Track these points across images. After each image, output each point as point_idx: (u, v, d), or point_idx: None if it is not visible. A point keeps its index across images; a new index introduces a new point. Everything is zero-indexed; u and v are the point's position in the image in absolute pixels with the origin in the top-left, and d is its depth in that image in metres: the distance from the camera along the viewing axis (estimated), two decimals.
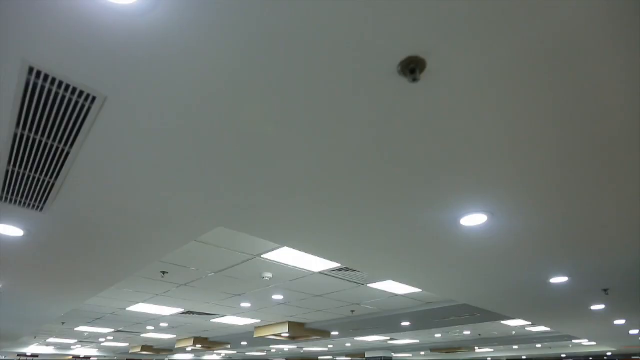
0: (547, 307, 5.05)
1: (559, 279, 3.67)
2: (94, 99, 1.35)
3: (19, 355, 15.24)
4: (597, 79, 1.28)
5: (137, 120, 1.46)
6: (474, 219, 2.29)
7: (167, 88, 1.30)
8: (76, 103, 1.37)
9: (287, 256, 3.96)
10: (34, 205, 2.20)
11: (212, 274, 4.61)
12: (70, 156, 1.71)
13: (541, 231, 2.51)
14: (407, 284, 4.01)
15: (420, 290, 5.15)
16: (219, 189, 1.96)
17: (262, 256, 3.96)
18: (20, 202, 2.14)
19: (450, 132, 1.53)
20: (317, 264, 4.23)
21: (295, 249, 2.83)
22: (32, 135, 1.56)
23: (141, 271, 4.54)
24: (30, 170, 1.83)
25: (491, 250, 2.88)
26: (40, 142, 1.60)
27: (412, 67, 1.19)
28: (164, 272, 4.55)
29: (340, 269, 4.42)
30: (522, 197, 2.05)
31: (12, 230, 2.54)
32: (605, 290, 4.18)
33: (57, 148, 1.65)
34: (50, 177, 1.89)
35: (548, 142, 1.60)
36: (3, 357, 15.10)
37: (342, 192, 2.00)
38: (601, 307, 5.09)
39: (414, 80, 1.18)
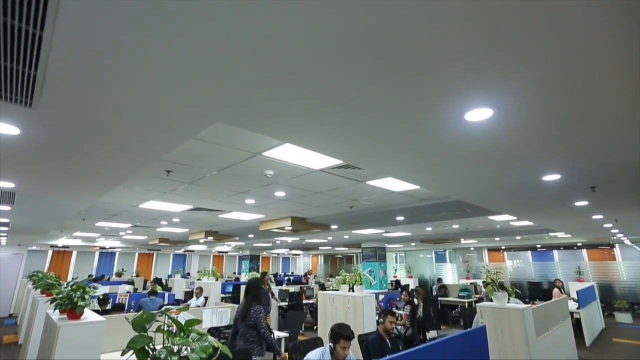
0: (536, 203, 5.35)
1: (551, 177, 3.79)
2: None
3: (52, 246, 17.04)
4: None
5: None
6: (479, 114, 2.22)
7: None
8: None
9: (288, 154, 4.01)
10: (21, 101, 2.10)
11: (216, 172, 4.75)
12: (44, 42, 1.55)
13: (544, 127, 2.47)
14: (406, 181, 4.17)
15: (416, 187, 5.39)
16: (214, 80, 1.84)
17: (263, 154, 4.02)
18: (5, 97, 2.04)
19: (458, 16, 1.34)
20: (317, 161, 4.31)
21: (297, 145, 2.83)
22: None
23: (147, 170, 4.67)
24: (6, 60, 1.69)
25: (492, 148, 2.89)
26: (6, 23, 1.43)
27: None
28: (168, 171, 4.69)
29: (340, 167, 4.54)
30: (529, 90, 1.94)
31: (7, 128, 2.50)
32: (592, 187, 4.36)
33: (28, 31, 1.48)
34: (29, 68, 1.75)
35: (559, 30, 1.42)
36: (38, 248, 16.91)
37: (342, 86, 1.88)
38: (584, 203, 5.40)
39: None
